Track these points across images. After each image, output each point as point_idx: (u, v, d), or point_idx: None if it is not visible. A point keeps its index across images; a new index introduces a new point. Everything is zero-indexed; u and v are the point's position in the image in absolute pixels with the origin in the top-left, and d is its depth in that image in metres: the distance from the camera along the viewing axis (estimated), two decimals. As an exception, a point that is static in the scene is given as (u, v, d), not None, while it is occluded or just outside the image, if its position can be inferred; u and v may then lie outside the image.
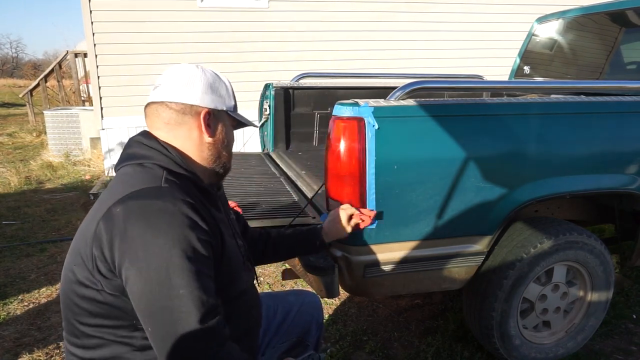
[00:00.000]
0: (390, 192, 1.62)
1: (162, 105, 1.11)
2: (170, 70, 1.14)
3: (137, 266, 0.93)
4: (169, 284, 0.92)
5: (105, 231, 0.96)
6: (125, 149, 1.13)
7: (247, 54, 5.80)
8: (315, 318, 1.58)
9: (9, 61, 37.12)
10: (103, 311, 1.01)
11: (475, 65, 6.37)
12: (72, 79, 10.10)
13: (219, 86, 1.16)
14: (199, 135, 1.13)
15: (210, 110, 1.13)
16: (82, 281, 1.01)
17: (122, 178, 1.06)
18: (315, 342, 1.60)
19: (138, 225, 0.94)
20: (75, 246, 1.05)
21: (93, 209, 1.06)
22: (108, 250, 0.95)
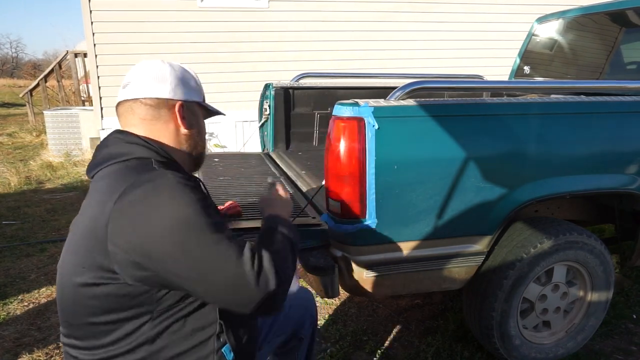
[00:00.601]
0: (390, 192, 1.62)
1: (136, 102, 1.13)
2: (138, 68, 1.16)
3: (172, 241, 0.94)
4: (202, 243, 0.95)
5: (120, 225, 0.96)
6: (101, 149, 1.13)
7: (247, 54, 5.80)
8: (309, 311, 1.60)
9: (9, 61, 37.12)
10: (118, 305, 1.00)
11: (475, 65, 6.37)
12: (72, 79, 10.10)
13: (188, 79, 1.20)
14: (175, 128, 1.16)
15: (183, 102, 1.16)
16: (95, 282, 0.99)
17: (113, 176, 1.05)
18: (310, 335, 1.62)
19: (152, 207, 0.96)
20: (79, 249, 1.02)
21: (88, 211, 1.04)
22: (130, 242, 0.95)
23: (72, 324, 1.06)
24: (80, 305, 1.03)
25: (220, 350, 1.09)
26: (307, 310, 1.60)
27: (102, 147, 1.14)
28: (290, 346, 1.59)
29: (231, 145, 5.91)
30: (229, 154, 3.29)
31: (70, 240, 1.08)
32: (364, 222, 1.64)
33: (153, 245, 0.95)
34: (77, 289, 1.02)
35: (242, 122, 5.90)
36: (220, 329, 1.08)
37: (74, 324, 1.06)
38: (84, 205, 1.09)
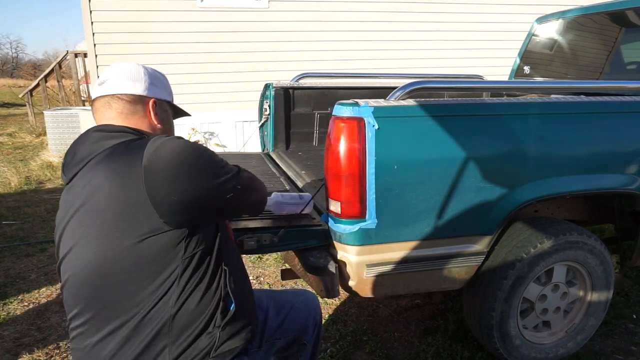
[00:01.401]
0: (390, 192, 1.62)
1: (113, 98, 1.23)
2: (114, 68, 1.27)
3: (200, 175, 1.11)
4: (221, 168, 1.17)
5: (156, 176, 1.06)
6: (82, 145, 1.19)
7: (247, 54, 5.80)
8: (313, 316, 1.59)
9: (9, 61, 37.11)
10: (157, 258, 1.08)
11: (475, 65, 6.37)
12: (72, 79, 10.10)
13: (161, 79, 1.33)
14: (149, 122, 1.27)
15: (156, 99, 1.28)
16: (138, 240, 1.06)
17: (117, 154, 1.13)
18: (314, 341, 1.60)
19: (179, 155, 1.09)
20: (104, 222, 1.07)
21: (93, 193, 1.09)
22: (169, 189, 1.06)
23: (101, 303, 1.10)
24: (109, 276, 1.08)
25: (225, 299, 1.18)
26: (310, 315, 1.58)
27: (81, 144, 1.20)
28: (292, 351, 1.56)
29: (231, 145, 5.91)
30: (229, 154, 3.29)
31: (81, 225, 1.11)
32: (364, 222, 1.63)
33: (189, 183, 1.08)
34: (112, 261, 1.08)
35: (242, 122, 5.89)
36: (225, 278, 1.19)
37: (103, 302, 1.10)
38: (78, 198, 1.12)
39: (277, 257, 3.30)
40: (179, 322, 1.11)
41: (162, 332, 1.10)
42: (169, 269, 1.09)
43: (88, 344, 1.11)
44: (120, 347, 1.09)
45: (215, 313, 1.16)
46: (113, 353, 1.09)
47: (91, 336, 1.11)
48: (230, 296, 1.19)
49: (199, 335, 1.14)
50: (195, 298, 1.13)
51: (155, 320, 1.09)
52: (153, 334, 1.09)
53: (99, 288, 1.10)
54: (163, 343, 1.10)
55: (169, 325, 1.10)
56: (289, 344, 1.53)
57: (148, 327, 1.09)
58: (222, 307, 1.17)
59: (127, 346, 1.09)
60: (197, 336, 1.13)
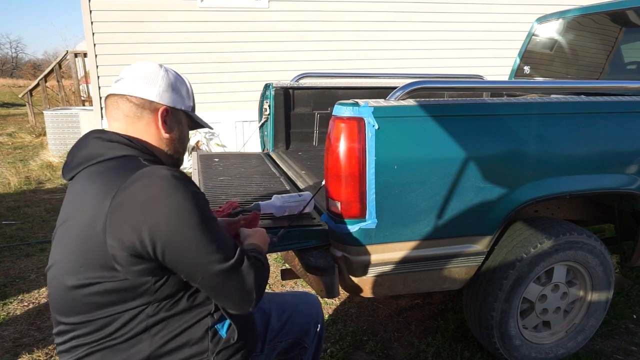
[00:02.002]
0: (390, 192, 1.62)
1: (122, 98, 1.16)
2: (134, 66, 1.19)
3: (172, 233, 0.99)
4: (205, 235, 1.02)
5: (122, 220, 0.98)
6: (79, 150, 1.13)
7: (247, 54, 5.80)
8: (314, 319, 1.57)
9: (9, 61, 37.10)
10: (117, 299, 1.03)
11: (475, 65, 6.37)
12: (72, 79, 10.10)
13: (179, 86, 1.22)
14: (156, 130, 1.18)
15: (168, 107, 1.18)
16: (94, 282, 1.01)
17: (103, 176, 1.05)
18: (316, 344, 1.58)
19: (154, 200, 0.99)
20: (75, 251, 1.03)
21: (80, 213, 1.04)
22: (134, 235, 0.98)
23: (68, 322, 1.07)
24: (78, 303, 1.04)
25: (214, 327, 1.15)
26: (312, 319, 1.57)
27: (80, 148, 1.14)
28: (293, 354, 1.55)
29: (231, 145, 5.91)
30: (229, 154, 3.29)
31: (61, 243, 1.08)
32: (364, 222, 1.64)
33: (153, 237, 0.98)
34: (74, 290, 1.04)
35: (242, 122, 5.89)
36: (215, 307, 1.14)
37: (71, 321, 1.07)
38: (68, 208, 1.09)
39: (277, 257, 3.30)
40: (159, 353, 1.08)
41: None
42: (136, 309, 1.04)
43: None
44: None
45: (202, 340, 1.13)
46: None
47: (66, 354, 1.09)
48: (221, 324, 1.16)
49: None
50: (174, 331, 1.09)
51: (133, 353, 1.06)
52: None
53: (68, 313, 1.07)
54: None
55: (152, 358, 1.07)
56: (290, 346, 1.52)
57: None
58: (211, 335, 1.14)
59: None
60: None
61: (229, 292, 1.08)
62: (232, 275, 1.06)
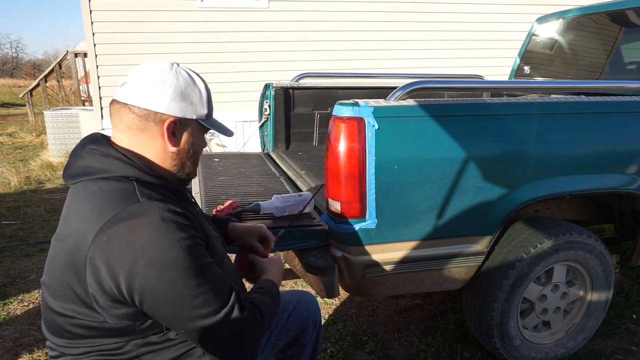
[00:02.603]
0: (390, 192, 1.62)
1: (125, 108, 1.04)
2: (141, 68, 1.06)
3: (150, 284, 0.92)
4: (187, 288, 0.94)
5: (101, 262, 0.92)
6: (76, 160, 1.05)
7: (247, 54, 5.80)
8: (312, 316, 1.58)
9: (9, 61, 37.10)
10: (99, 334, 0.99)
11: (475, 65, 6.37)
12: (72, 79, 10.10)
13: (191, 92, 1.08)
14: (162, 144, 1.06)
15: (176, 119, 1.06)
16: (75, 316, 0.98)
17: (94, 200, 0.98)
18: (314, 341, 1.59)
19: (136, 247, 0.92)
20: (60, 277, 0.99)
21: (71, 232, 0.99)
22: (111, 281, 0.92)
23: (55, 343, 1.06)
24: (62, 329, 1.01)
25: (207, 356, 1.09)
26: (310, 315, 1.57)
27: (77, 157, 1.05)
28: (292, 352, 1.55)
29: (231, 145, 5.91)
30: (229, 154, 3.29)
31: (53, 261, 1.04)
32: (364, 222, 1.64)
33: (130, 285, 0.92)
34: (57, 316, 1.01)
35: (242, 122, 5.89)
36: None
37: (57, 343, 1.05)
38: (64, 221, 1.04)
39: (277, 257, 3.30)
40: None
41: None
42: (125, 339, 1.00)
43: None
44: None
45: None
46: None
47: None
48: None
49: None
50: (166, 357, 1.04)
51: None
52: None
53: (55, 334, 1.05)
54: None
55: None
56: (289, 344, 1.53)
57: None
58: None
59: None
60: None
61: (214, 348, 1.01)
62: (218, 331, 0.98)
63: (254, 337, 1.05)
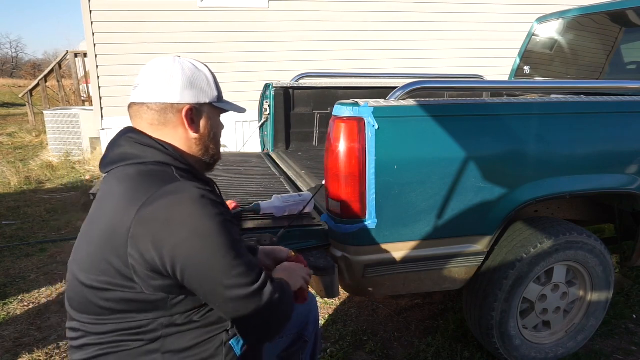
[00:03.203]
0: (390, 192, 1.62)
1: (142, 107, 1.12)
2: (147, 68, 1.13)
3: (193, 254, 0.98)
4: (226, 258, 1.00)
5: (145, 236, 0.97)
6: (113, 148, 1.12)
7: (247, 54, 5.80)
8: (312, 313, 1.60)
9: (9, 61, 37.10)
10: (131, 308, 1.03)
11: (475, 65, 6.37)
12: (72, 79, 10.10)
13: (198, 79, 1.14)
14: (184, 132, 1.14)
15: (192, 106, 1.13)
16: (109, 288, 1.01)
17: (133, 181, 1.03)
18: (314, 337, 1.61)
19: (178, 220, 0.98)
20: (96, 252, 1.02)
21: (107, 213, 1.03)
22: (155, 253, 0.97)
23: (81, 320, 1.07)
24: (92, 305, 1.04)
25: (229, 343, 1.12)
26: (310, 312, 1.59)
27: (114, 146, 1.12)
28: (295, 349, 1.57)
29: (231, 145, 5.91)
30: (229, 154, 3.29)
31: (85, 240, 1.07)
32: (364, 222, 1.64)
33: (174, 256, 0.97)
34: (89, 290, 1.03)
35: (242, 122, 5.90)
36: (231, 324, 1.12)
37: (84, 320, 1.07)
38: (99, 203, 1.09)
39: (277, 257, 3.30)
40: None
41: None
42: (149, 319, 1.03)
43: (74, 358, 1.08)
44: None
45: (216, 356, 1.11)
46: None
47: (77, 350, 1.08)
48: (236, 339, 1.14)
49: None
50: (188, 342, 1.07)
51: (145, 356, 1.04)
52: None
53: (82, 311, 1.06)
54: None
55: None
56: (292, 342, 1.54)
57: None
58: (226, 351, 1.12)
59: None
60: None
61: (247, 321, 1.06)
62: (251, 303, 1.03)
63: (283, 315, 1.11)
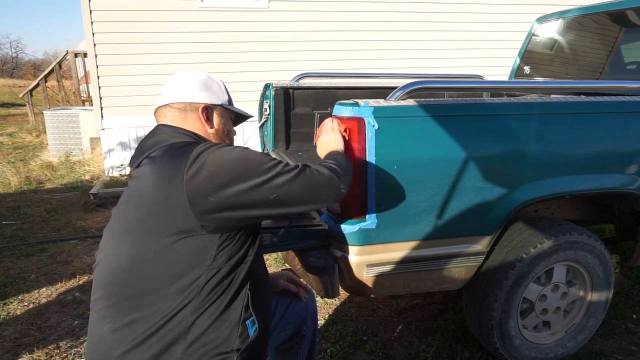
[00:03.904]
0: (390, 192, 1.62)
1: (166, 107, 1.31)
2: (169, 80, 1.35)
3: (244, 173, 1.13)
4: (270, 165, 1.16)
5: (199, 179, 1.10)
6: (148, 138, 1.27)
7: (247, 54, 5.80)
8: (310, 308, 1.63)
9: (9, 61, 37.09)
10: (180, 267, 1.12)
11: (475, 65, 6.37)
12: (72, 79, 10.10)
13: (211, 84, 1.36)
14: (202, 127, 1.32)
15: (206, 105, 1.32)
16: (169, 239, 1.10)
17: (170, 154, 1.17)
18: (312, 332, 1.64)
19: (220, 156, 1.13)
20: (147, 226, 1.12)
21: (149, 190, 1.13)
22: (211, 186, 1.10)
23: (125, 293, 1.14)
24: (142, 271, 1.12)
25: (245, 322, 1.20)
26: (308, 307, 1.63)
27: (147, 139, 1.28)
28: (293, 343, 1.61)
29: (231, 145, 5.91)
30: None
31: (125, 223, 1.17)
32: (364, 222, 1.63)
33: (232, 180, 1.11)
34: (141, 256, 1.12)
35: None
36: (247, 300, 1.20)
37: (126, 293, 1.13)
38: (133, 191, 1.19)
39: (277, 257, 3.30)
40: (193, 334, 1.13)
41: (178, 341, 1.12)
42: (193, 275, 1.12)
43: (105, 329, 1.14)
44: (137, 344, 1.11)
45: (232, 335, 1.17)
46: (128, 348, 1.11)
47: (109, 323, 1.14)
48: (251, 321, 1.21)
49: (213, 355, 1.15)
50: (212, 313, 1.14)
51: (174, 327, 1.11)
52: (169, 341, 1.11)
53: (126, 279, 1.14)
54: (177, 354, 1.12)
55: (184, 335, 1.12)
56: (290, 336, 1.58)
57: (166, 333, 1.11)
58: (240, 331, 1.18)
59: (144, 346, 1.11)
60: (211, 354, 1.14)
61: (312, 187, 1.20)
62: (305, 174, 1.19)
63: (339, 167, 1.28)
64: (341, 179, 1.26)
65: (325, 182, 1.22)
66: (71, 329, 2.45)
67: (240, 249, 1.19)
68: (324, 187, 1.22)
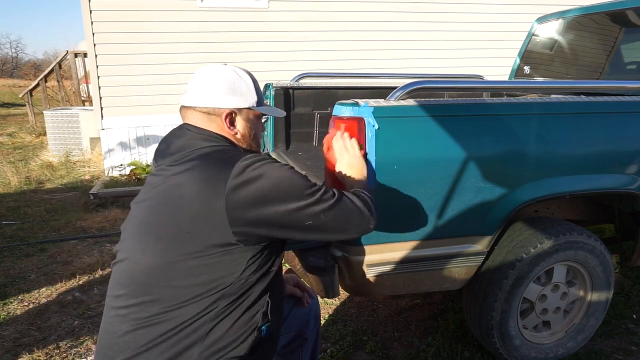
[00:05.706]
0: (390, 192, 1.62)
1: (190, 110, 1.29)
2: (197, 75, 1.31)
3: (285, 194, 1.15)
4: (308, 187, 1.19)
5: (242, 194, 1.10)
6: (174, 140, 1.26)
7: (247, 54, 5.80)
8: (313, 311, 1.62)
9: (9, 61, 37.08)
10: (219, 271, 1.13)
11: (475, 65, 6.37)
12: (72, 79, 10.10)
13: (239, 86, 1.30)
14: (228, 131, 1.29)
15: (231, 110, 1.28)
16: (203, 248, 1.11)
17: (206, 162, 1.16)
18: (315, 335, 1.63)
19: (263, 174, 1.13)
20: (186, 220, 1.11)
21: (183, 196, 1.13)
22: (253, 202, 1.11)
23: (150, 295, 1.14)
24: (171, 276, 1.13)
25: (261, 328, 1.21)
26: (311, 310, 1.62)
27: (174, 138, 1.27)
28: (295, 346, 1.59)
29: (231, 145, 5.91)
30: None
31: (156, 225, 1.16)
32: (364, 222, 1.63)
33: (273, 199, 1.13)
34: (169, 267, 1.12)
35: (242, 122, 5.90)
36: (266, 307, 1.22)
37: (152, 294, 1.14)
38: (165, 192, 1.17)
39: (277, 257, 3.30)
40: (211, 338, 1.14)
41: (195, 344, 1.13)
42: (222, 284, 1.13)
43: (123, 328, 1.14)
44: (154, 345, 1.12)
45: (247, 339, 1.18)
46: (145, 348, 1.12)
47: (128, 322, 1.14)
48: (267, 327, 1.23)
49: (227, 358, 1.16)
50: (232, 319, 1.16)
51: (194, 331, 1.13)
52: (187, 344, 1.12)
53: (153, 282, 1.14)
54: (193, 357, 1.12)
55: (202, 339, 1.13)
56: (292, 339, 1.57)
57: (185, 336, 1.12)
58: (256, 336, 1.20)
59: (161, 347, 1.12)
60: (225, 358, 1.16)
61: (345, 219, 1.23)
62: (340, 205, 1.21)
63: (369, 203, 1.31)
64: (372, 214, 1.29)
65: (357, 214, 1.26)
66: (71, 329, 2.45)
67: (268, 261, 1.21)
68: (355, 219, 1.26)
